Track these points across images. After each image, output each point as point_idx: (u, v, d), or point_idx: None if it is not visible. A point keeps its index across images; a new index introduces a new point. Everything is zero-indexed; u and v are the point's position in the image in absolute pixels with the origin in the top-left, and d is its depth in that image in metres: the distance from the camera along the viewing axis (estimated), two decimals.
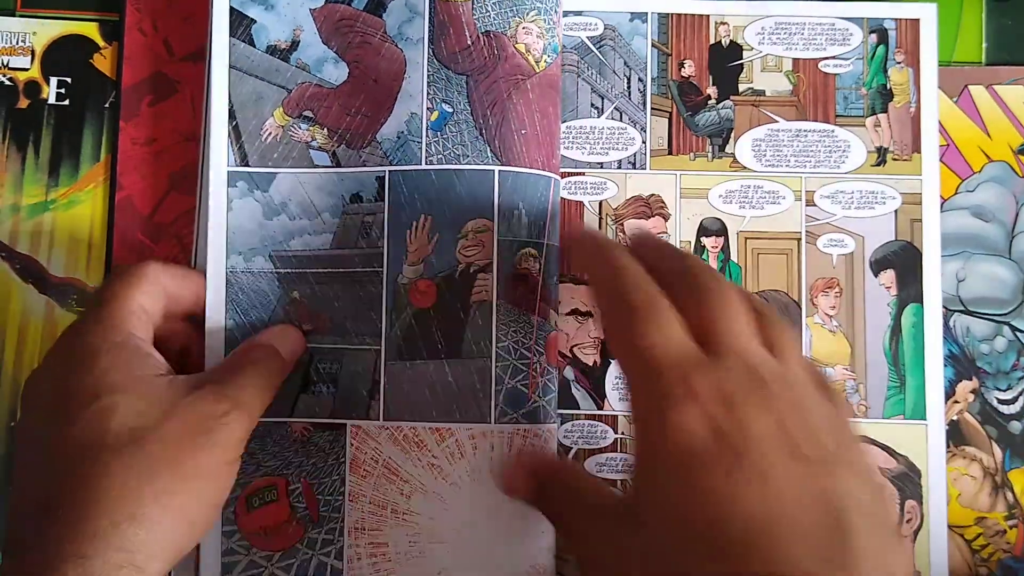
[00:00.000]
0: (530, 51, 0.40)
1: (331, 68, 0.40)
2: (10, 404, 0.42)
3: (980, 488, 0.41)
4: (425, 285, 0.39)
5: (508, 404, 0.38)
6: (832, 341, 0.42)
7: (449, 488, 0.38)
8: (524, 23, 0.40)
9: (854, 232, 0.42)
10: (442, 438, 0.38)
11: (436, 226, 0.39)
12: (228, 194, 0.40)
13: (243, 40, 0.40)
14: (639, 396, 0.31)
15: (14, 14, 0.44)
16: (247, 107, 0.40)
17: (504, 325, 0.38)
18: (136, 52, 0.43)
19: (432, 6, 0.40)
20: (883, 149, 0.42)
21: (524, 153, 0.39)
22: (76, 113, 0.43)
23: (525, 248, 0.39)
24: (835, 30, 0.43)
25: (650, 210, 0.42)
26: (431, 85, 0.40)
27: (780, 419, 0.29)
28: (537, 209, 0.39)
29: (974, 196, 0.43)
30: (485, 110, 0.39)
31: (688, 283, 0.32)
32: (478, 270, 0.39)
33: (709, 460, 0.28)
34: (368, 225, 0.39)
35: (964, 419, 0.42)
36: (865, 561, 0.26)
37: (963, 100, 0.43)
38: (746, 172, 0.42)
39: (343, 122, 0.40)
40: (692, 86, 0.43)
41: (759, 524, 0.27)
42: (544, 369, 0.39)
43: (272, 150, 0.40)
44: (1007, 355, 0.42)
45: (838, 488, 0.28)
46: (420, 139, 0.39)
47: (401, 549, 0.38)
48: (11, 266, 0.43)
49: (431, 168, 0.39)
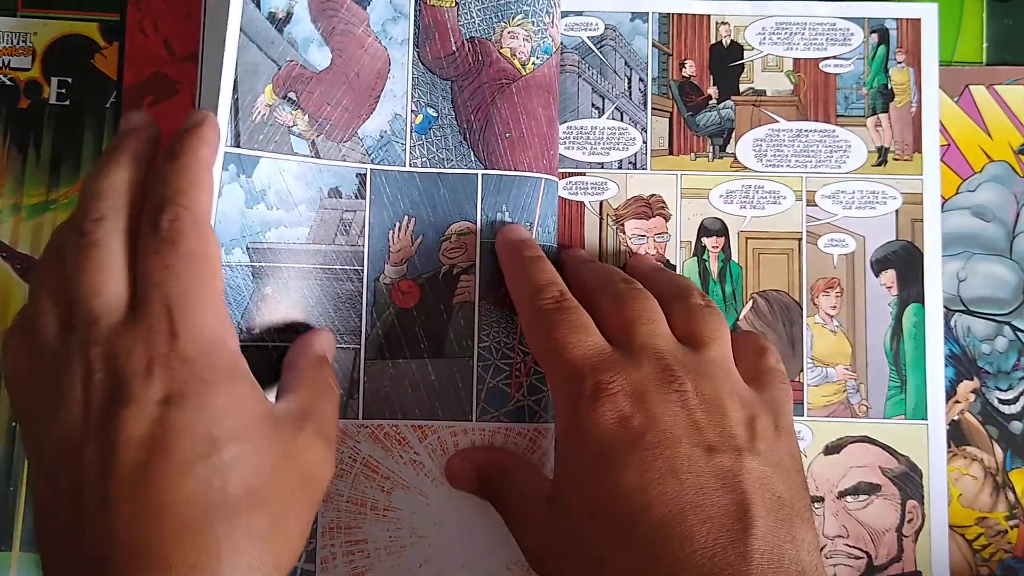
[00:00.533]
0: (516, 55, 0.40)
1: (316, 50, 0.39)
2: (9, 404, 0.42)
3: (981, 488, 0.41)
4: (408, 286, 0.39)
5: (489, 403, 0.38)
6: (833, 341, 0.42)
7: (431, 484, 0.38)
8: (510, 27, 0.40)
9: (855, 232, 0.42)
10: (424, 435, 0.38)
11: (419, 228, 0.39)
12: (221, 178, 0.37)
13: (252, 1, 0.38)
14: (559, 395, 0.33)
15: (14, 14, 0.44)
16: (246, 79, 0.37)
17: (486, 325, 0.39)
18: (137, 52, 0.43)
19: (418, 9, 0.40)
20: (884, 149, 0.42)
21: (508, 156, 0.39)
22: (77, 113, 0.43)
23: None
24: (836, 30, 0.43)
25: (651, 210, 0.42)
26: (416, 88, 0.40)
27: (690, 411, 0.31)
28: (523, 211, 0.39)
29: (975, 196, 0.43)
30: (469, 115, 0.40)
31: (606, 291, 0.35)
32: (461, 272, 0.39)
33: (622, 454, 0.30)
34: (347, 222, 0.39)
35: (965, 419, 0.42)
36: (760, 554, 0.28)
37: (964, 100, 0.43)
38: (747, 172, 0.42)
39: (323, 111, 0.39)
40: (693, 86, 0.43)
41: (671, 517, 0.28)
42: (531, 369, 0.39)
43: (259, 131, 0.38)
44: (1008, 355, 0.42)
45: (745, 477, 0.29)
46: (404, 141, 0.39)
47: (381, 544, 0.38)
48: (12, 266, 0.43)
49: (416, 171, 0.39)
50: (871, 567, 0.40)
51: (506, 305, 0.39)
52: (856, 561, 0.40)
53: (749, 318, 0.42)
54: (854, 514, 0.40)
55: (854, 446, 0.41)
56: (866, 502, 0.40)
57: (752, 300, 0.42)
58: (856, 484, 0.41)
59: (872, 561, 0.40)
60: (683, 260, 0.42)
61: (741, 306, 0.42)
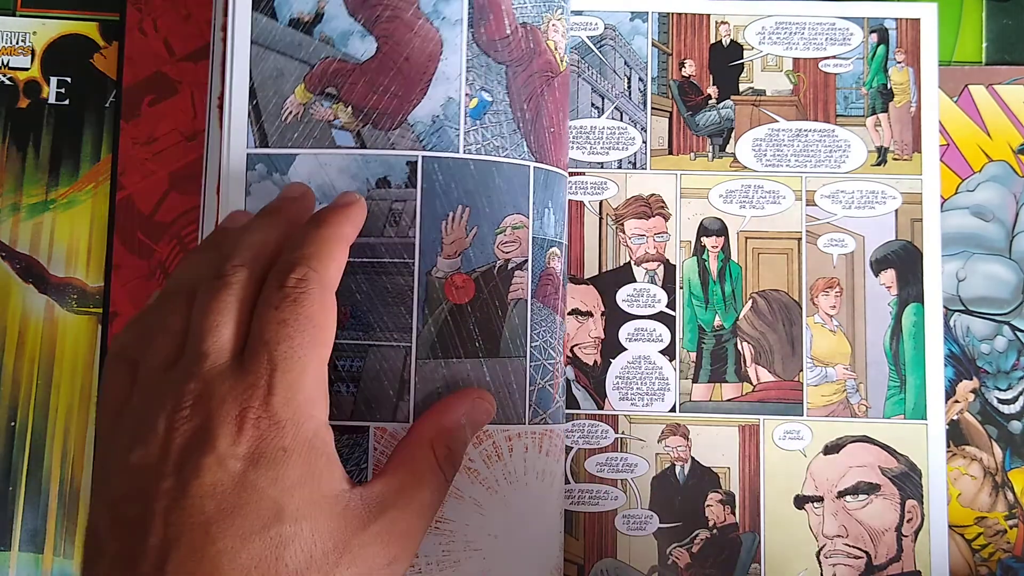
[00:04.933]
0: (557, 48, 0.40)
1: (357, 42, 0.38)
2: (9, 404, 0.42)
3: (980, 488, 0.41)
4: (463, 280, 0.37)
5: (539, 404, 0.37)
6: (832, 341, 0.42)
7: (485, 492, 0.36)
8: (553, 20, 0.39)
9: (854, 232, 0.42)
10: (479, 441, 0.36)
11: (474, 218, 0.37)
12: (247, 178, 0.37)
13: (265, 14, 0.38)
14: None
15: (14, 14, 0.44)
16: (268, 84, 0.38)
17: (536, 324, 0.38)
18: (136, 52, 0.43)
19: None
20: (883, 149, 0.43)
21: (552, 151, 0.39)
22: (76, 113, 0.43)
23: (552, 247, 0.39)
24: (835, 30, 0.43)
25: (650, 210, 0.42)
26: (470, 71, 0.38)
27: None
28: (561, 209, 0.39)
29: (974, 196, 0.43)
30: (522, 103, 0.38)
31: None
32: (515, 267, 0.37)
33: None
34: (397, 213, 0.37)
35: (964, 419, 0.42)
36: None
37: (963, 100, 0.43)
38: (746, 172, 0.42)
39: (370, 100, 0.38)
40: (692, 86, 0.43)
41: None
42: (562, 369, 0.39)
43: (292, 130, 0.38)
44: (1007, 355, 0.42)
45: None
46: (458, 126, 0.37)
47: (433, 559, 0.35)
48: (11, 266, 0.43)
49: (470, 158, 0.37)
50: (870, 567, 0.40)
51: (550, 303, 0.38)
52: (856, 561, 0.40)
53: (749, 318, 0.42)
54: (853, 514, 0.40)
55: (853, 446, 0.41)
56: (865, 502, 0.41)
57: (752, 300, 0.42)
58: (855, 484, 0.41)
59: (871, 561, 0.40)
60: (683, 260, 0.42)
61: (741, 306, 0.42)
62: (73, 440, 0.42)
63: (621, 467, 0.41)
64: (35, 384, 0.42)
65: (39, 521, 0.41)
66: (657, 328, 0.42)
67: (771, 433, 0.41)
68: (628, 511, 0.41)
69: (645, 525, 0.41)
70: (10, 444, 0.41)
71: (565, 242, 0.39)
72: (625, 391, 0.41)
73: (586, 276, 0.42)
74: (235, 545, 0.26)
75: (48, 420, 0.42)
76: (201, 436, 0.27)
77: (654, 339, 0.42)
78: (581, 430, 0.41)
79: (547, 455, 0.37)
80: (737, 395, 0.41)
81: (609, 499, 0.41)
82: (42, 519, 0.41)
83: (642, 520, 0.41)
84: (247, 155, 0.37)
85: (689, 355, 0.42)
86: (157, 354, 0.30)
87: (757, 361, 0.41)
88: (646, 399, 0.41)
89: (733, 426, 0.41)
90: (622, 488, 0.41)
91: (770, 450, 0.41)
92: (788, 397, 0.41)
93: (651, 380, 0.41)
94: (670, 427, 0.41)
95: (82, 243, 0.43)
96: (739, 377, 0.41)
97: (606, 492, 0.41)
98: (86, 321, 0.42)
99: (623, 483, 0.41)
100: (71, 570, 0.41)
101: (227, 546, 0.26)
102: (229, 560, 0.26)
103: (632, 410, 0.41)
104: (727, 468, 0.41)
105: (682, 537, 0.40)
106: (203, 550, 0.26)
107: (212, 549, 0.26)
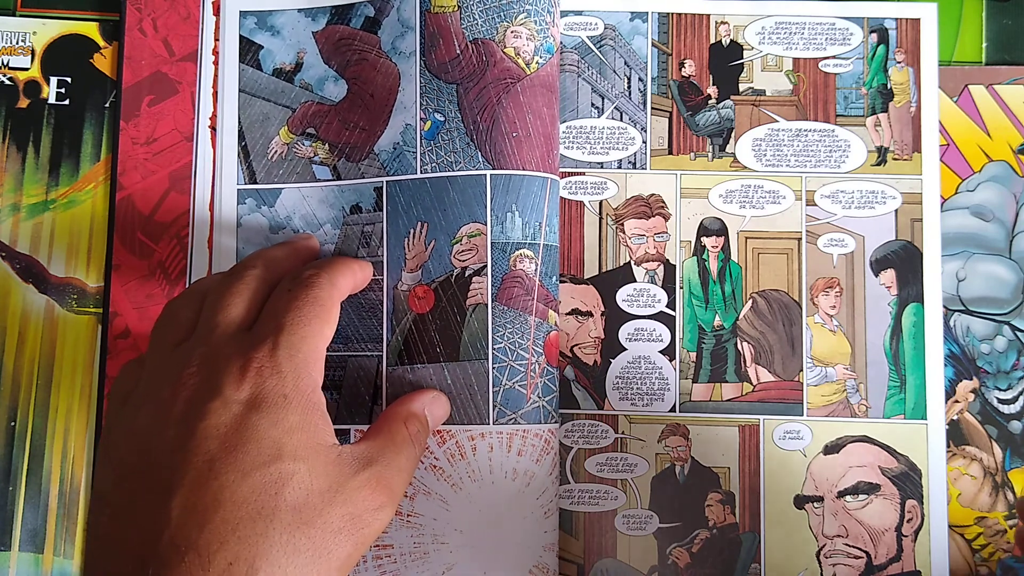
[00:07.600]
0: (520, 54, 0.40)
1: (331, 86, 0.42)
2: (9, 403, 0.42)
3: (980, 488, 0.41)
4: (423, 291, 0.39)
5: (506, 405, 0.38)
6: (832, 341, 0.42)
7: (450, 489, 0.38)
8: (512, 27, 0.40)
9: (854, 232, 0.42)
10: (443, 440, 0.38)
11: (432, 232, 0.39)
12: (238, 211, 0.41)
13: (251, 65, 0.42)
14: None
15: (14, 14, 0.44)
16: (255, 127, 0.42)
17: (500, 327, 0.39)
18: (136, 52, 0.43)
19: (423, 19, 0.40)
20: (883, 149, 0.42)
21: (516, 155, 0.39)
22: (76, 113, 0.43)
23: (520, 250, 0.39)
24: (835, 30, 0.43)
25: (650, 210, 0.42)
26: (423, 96, 0.40)
27: None
28: (532, 210, 0.39)
29: (974, 196, 0.43)
30: (475, 116, 0.40)
31: None
32: (473, 273, 0.39)
33: None
34: (368, 235, 0.40)
35: (964, 419, 0.42)
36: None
37: (963, 100, 0.43)
38: (746, 172, 0.42)
39: (343, 136, 0.41)
40: (692, 86, 0.43)
41: None
42: (543, 369, 0.39)
43: (278, 167, 0.42)
44: (1007, 355, 0.42)
45: None
46: (415, 149, 0.40)
47: (406, 550, 0.38)
48: (11, 266, 0.43)
49: (426, 176, 0.40)
50: (870, 567, 0.40)
51: (520, 306, 0.39)
52: (856, 561, 0.40)
53: (749, 318, 0.42)
54: (853, 514, 0.40)
55: (853, 446, 0.41)
56: (865, 502, 0.41)
57: (752, 300, 0.42)
58: (855, 484, 0.41)
59: (872, 561, 0.40)
60: (683, 260, 0.42)
61: (741, 306, 0.42)
62: (73, 440, 0.42)
63: (621, 467, 0.41)
64: (35, 384, 0.42)
65: (39, 521, 0.41)
66: (657, 328, 0.42)
67: (771, 433, 0.41)
68: (628, 511, 0.41)
69: (645, 525, 0.41)
70: (10, 444, 0.41)
71: (544, 242, 0.39)
72: (625, 391, 0.41)
73: (586, 276, 0.42)
74: (236, 479, 0.28)
75: (48, 420, 0.42)
76: (206, 387, 0.29)
77: (654, 339, 0.42)
78: (581, 430, 0.41)
79: (519, 455, 0.38)
80: (737, 395, 0.41)
81: (609, 499, 0.41)
82: (42, 519, 0.41)
83: (642, 520, 0.41)
84: (238, 191, 0.42)
85: (689, 355, 0.42)
86: (166, 338, 0.32)
87: (757, 361, 0.41)
88: (646, 399, 0.41)
89: (733, 426, 0.41)
90: (622, 488, 0.41)
91: (770, 450, 0.41)
92: (788, 397, 0.41)
93: (651, 380, 0.41)
94: (670, 427, 0.41)
95: (82, 243, 0.43)
96: (739, 377, 0.41)
97: (606, 492, 0.41)
98: (86, 321, 0.42)
99: (623, 483, 0.41)
100: (71, 570, 0.41)
101: (229, 480, 0.27)
102: (230, 492, 0.27)
103: (632, 410, 0.41)
104: (727, 468, 0.41)
105: (682, 537, 0.41)
106: (206, 484, 0.27)
107: (215, 483, 0.27)
